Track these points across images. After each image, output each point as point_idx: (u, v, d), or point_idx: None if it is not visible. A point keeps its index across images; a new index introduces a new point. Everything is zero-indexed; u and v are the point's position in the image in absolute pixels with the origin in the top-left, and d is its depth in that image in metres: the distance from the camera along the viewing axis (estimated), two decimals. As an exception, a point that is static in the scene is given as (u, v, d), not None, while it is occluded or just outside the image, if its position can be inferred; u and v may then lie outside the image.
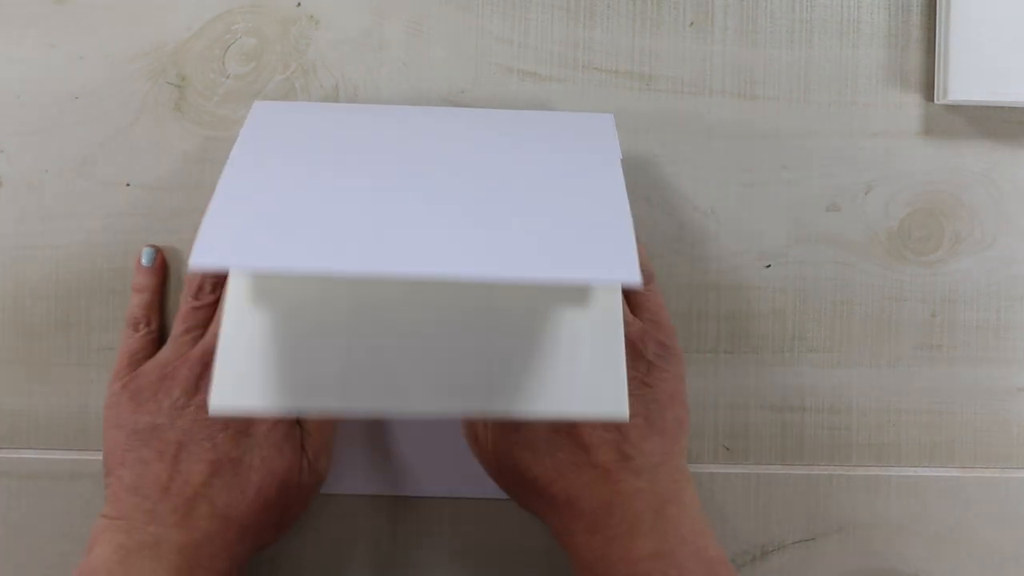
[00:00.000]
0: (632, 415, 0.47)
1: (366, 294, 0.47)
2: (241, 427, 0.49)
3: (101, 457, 0.51)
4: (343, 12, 0.56)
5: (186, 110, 0.56)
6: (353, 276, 0.42)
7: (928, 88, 0.56)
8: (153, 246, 0.55)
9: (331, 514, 0.56)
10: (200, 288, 0.52)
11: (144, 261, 0.55)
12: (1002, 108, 0.56)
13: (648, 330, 0.50)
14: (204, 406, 0.48)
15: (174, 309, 0.56)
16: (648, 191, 0.56)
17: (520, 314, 0.47)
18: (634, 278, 0.39)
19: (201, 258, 0.39)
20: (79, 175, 0.56)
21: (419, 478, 0.56)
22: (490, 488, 0.52)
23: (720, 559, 0.47)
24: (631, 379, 0.48)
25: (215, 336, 0.47)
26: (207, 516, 0.47)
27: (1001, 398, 0.57)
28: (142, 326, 0.53)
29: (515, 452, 0.48)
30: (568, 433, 0.48)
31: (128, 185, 0.56)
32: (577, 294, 0.47)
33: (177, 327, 0.52)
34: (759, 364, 0.57)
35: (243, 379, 0.45)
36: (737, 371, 0.57)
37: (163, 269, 0.55)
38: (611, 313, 0.47)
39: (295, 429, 0.50)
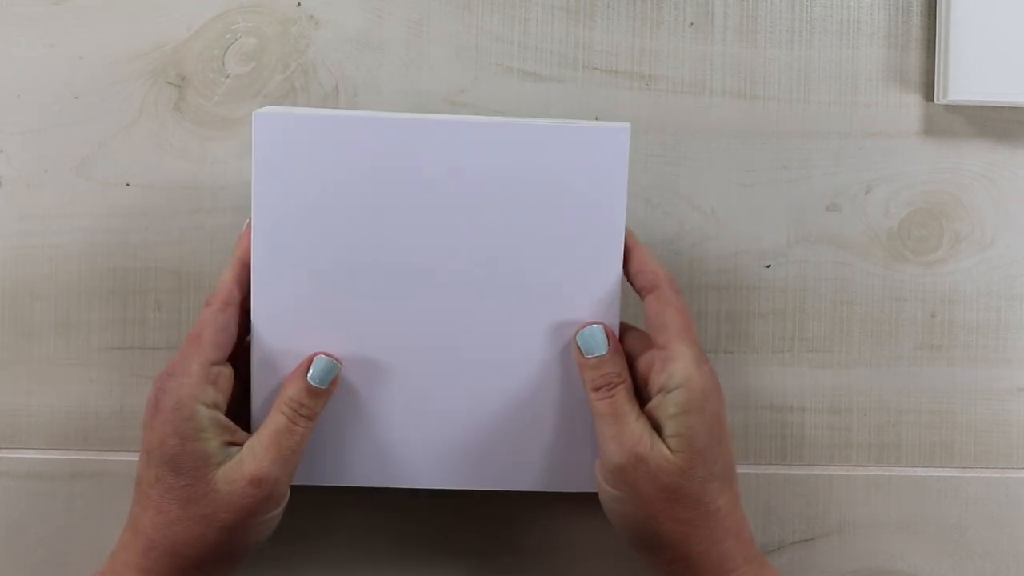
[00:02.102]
0: None
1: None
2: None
3: (101, 457, 0.50)
4: (343, 12, 0.56)
5: (186, 110, 0.56)
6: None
7: (928, 88, 0.56)
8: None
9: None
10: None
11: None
12: (1002, 108, 0.56)
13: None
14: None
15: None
16: (648, 191, 0.56)
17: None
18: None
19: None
20: (79, 175, 0.56)
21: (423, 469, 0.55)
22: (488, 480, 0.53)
23: None
24: None
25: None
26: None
27: (1001, 398, 0.57)
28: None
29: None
30: None
31: (128, 185, 0.56)
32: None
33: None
34: (759, 364, 0.57)
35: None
36: (737, 371, 0.57)
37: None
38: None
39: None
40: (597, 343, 0.50)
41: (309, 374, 0.49)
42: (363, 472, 0.52)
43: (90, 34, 0.56)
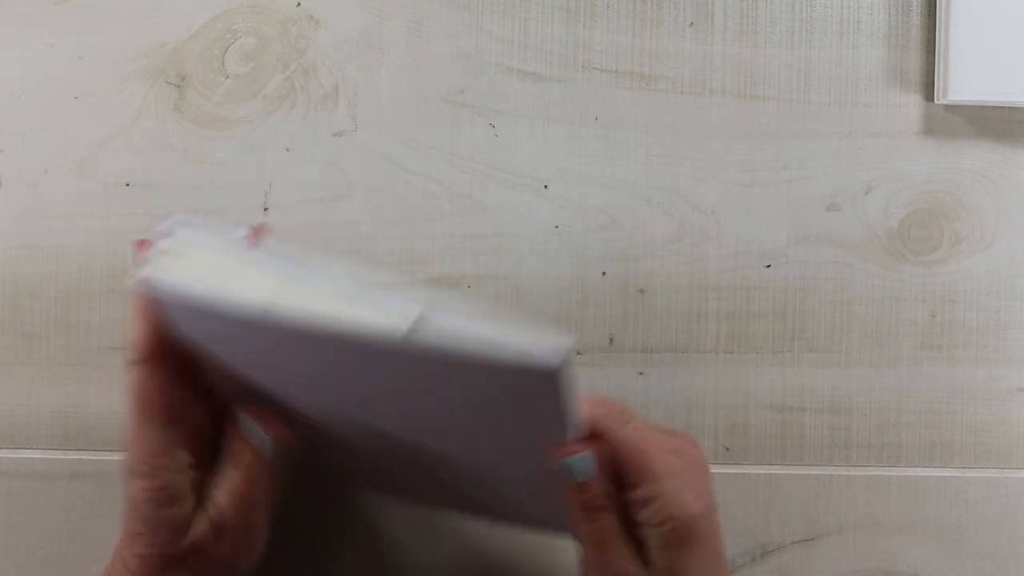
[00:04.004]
0: None
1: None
2: None
3: (101, 457, 0.50)
4: (343, 12, 0.56)
5: (186, 110, 0.56)
6: None
7: (928, 88, 0.56)
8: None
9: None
10: None
11: None
12: (1002, 108, 0.56)
13: None
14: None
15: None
16: (648, 191, 0.56)
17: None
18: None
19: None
20: (79, 175, 0.56)
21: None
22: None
23: None
24: None
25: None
26: None
27: (1001, 398, 0.57)
28: None
29: None
30: None
31: (128, 185, 0.56)
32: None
33: None
34: (759, 364, 0.57)
35: None
36: (737, 371, 0.57)
37: None
38: None
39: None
40: (584, 469, 0.45)
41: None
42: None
43: (90, 34, 0.56)
